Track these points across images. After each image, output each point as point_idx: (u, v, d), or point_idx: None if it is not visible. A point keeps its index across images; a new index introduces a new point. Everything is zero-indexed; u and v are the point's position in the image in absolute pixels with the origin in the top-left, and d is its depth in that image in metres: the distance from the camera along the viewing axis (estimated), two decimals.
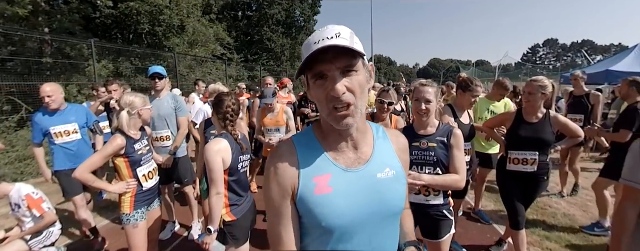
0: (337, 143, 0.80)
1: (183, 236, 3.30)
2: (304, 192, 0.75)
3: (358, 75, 0.72)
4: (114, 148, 1.91)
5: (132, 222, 2.01)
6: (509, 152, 2.43)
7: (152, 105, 3.00)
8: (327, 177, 0.76)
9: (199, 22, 14.38)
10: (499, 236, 3.10)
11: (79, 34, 10.59)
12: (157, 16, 12.09)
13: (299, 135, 0.86)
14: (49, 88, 2.77)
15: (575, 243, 3.09)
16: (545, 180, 2.39)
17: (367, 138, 0.84)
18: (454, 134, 1.74)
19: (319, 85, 0.72)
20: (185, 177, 3.22)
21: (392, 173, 0.81)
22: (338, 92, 0.68)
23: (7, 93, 6.98)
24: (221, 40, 16.33)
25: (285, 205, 0.77)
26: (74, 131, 2.93)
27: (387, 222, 0.81)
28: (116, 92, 3.62)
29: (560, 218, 3.63)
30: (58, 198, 4.22)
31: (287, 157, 0.79)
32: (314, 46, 0.69)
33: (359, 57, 0.71)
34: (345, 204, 0.75)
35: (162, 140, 3.08)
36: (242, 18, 22.13)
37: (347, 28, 0.73)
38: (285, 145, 0.82)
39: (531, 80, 2.32)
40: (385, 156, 0.84)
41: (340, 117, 0.71)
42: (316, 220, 0.74)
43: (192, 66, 12.81)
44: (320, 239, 0.77)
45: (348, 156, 0.80)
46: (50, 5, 10.25)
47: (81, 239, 3.29)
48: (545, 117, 2.34)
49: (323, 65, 0.69)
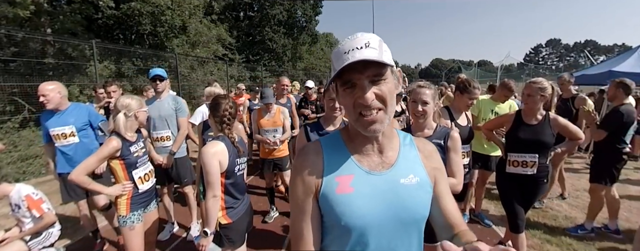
0: (363, 146, 0.82)
1: (182, 236, 3.30)
2: (326, 190, 0.78)
3: (387, 83, 0.74)
4: (109, 150, 1.91)
5: (128, 224, 2.01)
6: (508, 154, 2.41)
7: (153, 106, 3.05)
8: (350, 177, 0.78)
9: (200, 22, 14.41)
10: (499, 238, 3.08)
11: (81, 34, 10.64)
12: (159, 17, 12.12)
13: (326, 137, 0.89)
14: (45, 86, 2.63)
15: (577, 246, 3.07)
16: (545, 182, 2.37)
17: (393, 143, 0.85)
18: (451, 137, 1.72)
19: (348, 92, 0.74)
20: (184, 177, 3.23)
21: (416, 179, 0.81)
22: (367, 100, 0.71)
23: (9, 94, 7.02)
24: (222, 41, 16.37)
25: (308, 202, 0.79)
26: (70, 134, 2.76)
27: (408, 229, 0.80)
28: (115, 93, 3.64)
29: (561, 221, 3.61)
30: (58, 199, 4.24)
31: (313, 156, 0.82)
32: (344, 56, 0.71)
33: (387, 66, 0.73)
34: (365, 205, 0.76)
35: (162, 140, 3.10)
36: (244, 18, 22.15)
37: (376, 36, 0.75)
38: (313, 145, 0.86)
39: (530, 81, 2.30)
40: (410, 162, 0.84)
41: (368, 122, 0.73)
42: (336, 219, 0.76)
43: (194, 66, 12.85)
44: (340, 239, 0.78)
45: (372, 159, 0.81)
46: (52, 5, 10.30)
47: (80, 239, 3.30)
48: (545, 118, 2.32)
49: (352, 74, 0.72)
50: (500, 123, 2.61)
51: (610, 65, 8.56)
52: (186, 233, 3.33)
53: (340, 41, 0.77)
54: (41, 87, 2.61)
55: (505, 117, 2.57)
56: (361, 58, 0.68)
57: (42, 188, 4.77)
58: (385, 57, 0.71)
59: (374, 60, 0.68)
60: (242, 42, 20.70)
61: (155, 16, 12.06)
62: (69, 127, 2.75)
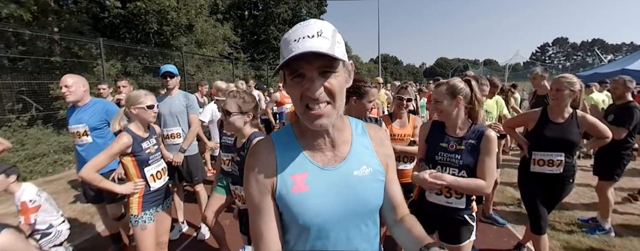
0: (314, 140, 0.80)
1: (192, 236, 3.26)
2: (282, 190, 0.76)
3: (337, 76, 0.71)
4: (119, 146, 1.86)
5: (140, 224, 1.95)
6: (533, 152, 2.31)
7: (164, 103, 3.00)
8: (304, 175, 0.77)
9: (206, 21, 14.42)
10: (517, 239, 3.00)
11: (88, 33, 10.67)
12: (165, 15, 12.13)
13: (278, 132, 0.86)
14: (68, 78, 2.50)
15: (597, 248, 2.97)
16: (571, 182, 2.28)
17: (345, 135, 0.84)
18: (485, 137, 1.60)
19: (296, 82, 0.70)
20: (195, 175, 3.19)
21: (369, 170, 0.82)
22: (314, 93, 0.68)
23: (17, 92, 7.04)
24: (228, 40, 16.37)
25: (265, 201, 0.77)
26: (84, 133, 2.59)
27: (364, 218, 0.82)
28: (125, 88, 3.63)
29: (580, 223, 3.51)
30: (66, 198, 4.23)
31: (265, 154, 0.80)
32: (293, 44, 0.66)
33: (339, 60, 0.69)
34: (322, 202, 0.76)
35: (172, 137, 3.06)
36: (249, 17, 22.17)
37: (329, 24, 0.70)
38: (264, 142, 0.83)
39: (560, 76, 2.21)
40: (362, 153, 0.84)
41: (314, 116, 0.70)
42: (294, 218, 0.76)
43: (199, 65, 12.85)
44: (300, 236, 0.78)
45: (325, 153, 0.80)
46: (59, 4, 10.34)
47: (88, 239, 3.26)
48: (572, 116, 2.22)
49: (301, 65, 0.68)
50: (522, 122, 2.52)
51: (623, 64, 8.42)
52: (196, 232, 3.28)
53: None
54: (64, 78, 2.49)
55: (528, 114, 2.49)
56: (310, 50, 0.64)
57: (49, 187, 4.79)
58: (337, 49, 0.68)
59: (324, 53, 0.64)
60: (247, 41, 20.71)
61: (162, 15, 12.07)
62: (82, 125, 2.58)
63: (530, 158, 2.33)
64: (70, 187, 4.84)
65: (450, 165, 1.66)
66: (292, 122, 0.86)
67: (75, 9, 10.33)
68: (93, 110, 2.61)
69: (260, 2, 22.10)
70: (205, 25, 14.14)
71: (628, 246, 3.01)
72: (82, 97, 2.58)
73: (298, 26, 0.70)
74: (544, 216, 2.31)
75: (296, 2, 22.22)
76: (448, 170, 1.66)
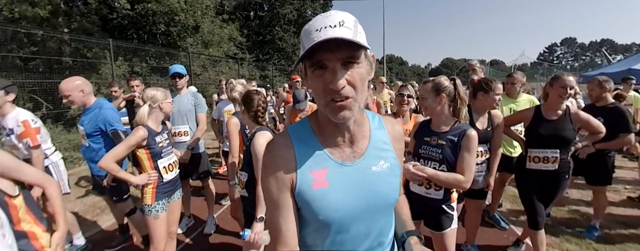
0: (333, 135, 0.79)
1: (198, 230, 3.35)
2: (302, 186, 0.76)
3: (359, 68, 0.69)
4: (136, 139, 1.98)
5: (153, 213, 2.07)
6: (529, 150, 2.37)
7: (173, 101, 3.10)
8: (324, 171, 0.77)
9: (212, 22, 14.60)
10: (516, 236, 3.04)
11: (97, 34, 10.90)
12: (173, 17, 12.33)
13: (294, 126, 0.85)
14: (65, 86, 2.40)
15: (596, 244, 3.01)
16: (566, 178, 2.33)
17: (364, 130, 0.83)
18: (466, 135, 1.70)
19: (318, 75, 0.69)
20: (202, 172, 3.29)
21: (387, 165, 0.82)
22: (338, 85, 0.66)
23: (29, 91, 7.24)
24: (233, 40, 16.55)
25: (284, 197, 0.77)
26: (82, 136, 2.58)
27: (382, 213, 0.84)
28: (138, 88, 3.74)
29: (580, 219, 3.54)
30: (76, 192, 4.36)
31: (283, 150, 0.79)
32: (314, 34, 0.65)
33: (362, 48, 0.68)
34: (342, 198, 0.76)
35: (180, 135, 3.16)
36: (254, 18, 22.33)
37: (350, 15, 0.70)
38: (281, 138, 0.82)
39: (569, 76, 2.24)
40: (380, 148, 0.84)
41: (338, 108, 0.69)
42: (314, 214, 0.76)
43: (206, 65, 13.02)
44: (319, 231, 0.79)
45: (344, 149, 0.80)
46: (69, 6, 10.57)
47: (100, 231, 3.38)
48: (565, 113, 2.28)
49: (323, 55, 0.66)
50: (518, 119, 2.57)
51: (629, 64, 8.34)
52: (202, 226, 3.38)
53: None
54: (62, 87, 2.40)
55: (524, 112, 2.54)
56: (334, 36, 0.62)
57: None
58: (360, 38, 0.66)
59: (348, 39, 0.63)
60: (252, 41, 20.88)
61: (169, 16, 12.27)
62: (82, 129, 2.56)
63: (526, 155, 2.39)
64: (80, 183, 4.98)
65: (431, 159, 1.78)
66: (309, 116, 0.85)
67: (86, 11, 10.55)
68: (91, 116, 2.53)
69: (265, 3, 22.26)
70: (211, 25, 14.32)
71: (629, 244, 3.03)
72: (84, 101, 2.51)
73: (319, 17, 0.69)
74: (541, 212, 2.36)
75: (301, 2, 22.34)
76: (429, 163, 1.78)
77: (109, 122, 2.50)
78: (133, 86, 3.77)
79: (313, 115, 0.84)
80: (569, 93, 2.20)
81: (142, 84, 3.87)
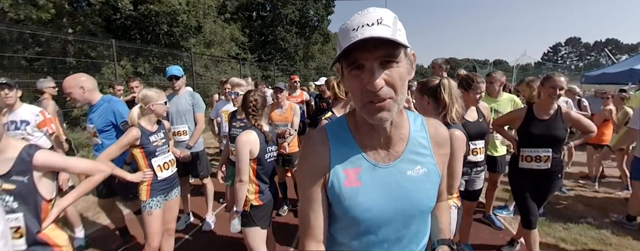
0: (370, 135, 0.78)
1: (197, 227, 3.41)
2: (334, 183, 0.76)
3: (399, 67, 0.66)
4: (128, 139, 2.05)
5: (147, 209, 2.14)
6: (521, 149, 2.40)
7: (171, 102, 3.15)
8: (357, 170, 0.76)
9: (214, 22, 14.68)
10: (511, 235, 3.06)
11: (100, 34, 11.01)
12: (175, 17, 12.42)
13: (332, 124, 0.85)
14: (66, 84, 2.35)
15: (592, 246, 3.02)
16: (559, 177, 2.36)
17: (402, 132, 0.80)
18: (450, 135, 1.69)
19: (355, 75, 0.66)
20: (201, 170, 3.35)
21: (423, 171, 0.79)
22: (376, 86, 0.63)
23: (34, 91, 7.33)
24: (236, 40, 16.63)
25: (316, 192, 0.78)
26: (93, 134, 2.52)
27: (415, 219, 0.81)
28: (137, 88, 3.80)
29: (576, 220, 3.54)
30: None
31: (319, 146, 0.79)
32: (352, 33, 0.62)
33: (401, 46, 0.64)
34: (372, 199, 0.76)
35: (179, 134, 3.22)
36: (256, 18, 22.38)
37: (389, 12, 0.66)
38: (319, 134, 0.82)
39: (560, 76, 2.26)
40: (418, 152, 0.80)
41: (375, 109, 0.66)
42: (344, 211, 0.77)
43: (208, 65, 13.10)
44: (348, 228, 0.80)
45: (379, 151, 0.78)
46: (73, 7, 10.70)
47: (101, 228, 3.44)
48: (557, 113, 2.31)
49: (361, 54, 0.63)
50: (510, 120, 2.60)
51: (632, 64, 8.28)
52: (201, 223, 3.43)
53: None
54: (63, 85, 2.38)
55: (515, 112, 2.57)
56: (371, 35, 0.60)
57: None
58: (399, 37, 0.63)
59: (386, 38, 0.60)
60: (254, 41, 20.93)
61: (172, 16, 12.36)
62: (92, 127, 2.50)
63: (518, 154, 2.42)
64: (82, 180, 5.05)
65: None
66: (347, 114, 0.85)
67: (89, 12, 10.66)
68: (100, 111, 2.49)
69: (267, 3, 22.30)
70: (213, 25, 14.40)
71: (624, 244, 3.04)
72: (86, 98, 2.44)
73: (356, 15, 0.66)
74: (534, 211, 2.38)
75: (303, 3, 22.35)
76: None
77: (120, 114, 2.49)
78: (132, 87, 3.83)
79: (351, 113, 0.84)
80: (558, 93, 2.22)
81: (141, 85, 3.93)
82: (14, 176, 1.26)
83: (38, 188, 1.31)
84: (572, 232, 3.27)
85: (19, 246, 1.28)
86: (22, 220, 1.27)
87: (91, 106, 2.51)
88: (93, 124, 2.48)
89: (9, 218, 1.24)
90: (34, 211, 1.31)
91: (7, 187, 1.24)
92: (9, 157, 1.27)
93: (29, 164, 1.29)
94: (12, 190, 1.25)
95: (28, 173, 1.28)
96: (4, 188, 1.24)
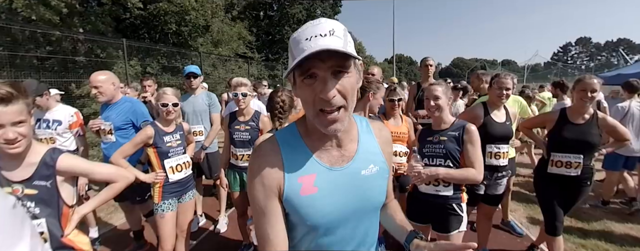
0: (321, 141, 0.78)
1: (209, 229, 3.39)
2: (290, 193, 0.75)
3: (350, 77, 0.68)
4: (142, 137, 2.04)
5: (159, 212, 2.12)
6: (552, 154, 2.31)
7: (188, 102, 3.15)
8: (312, 176, 0.76)
9: (222, 21, 14.73)
10: (531, 241, 2.98)
11: (110, 34, 11.10)
12: (183, 16, 12.48)
13: (281, 131, 0.84)
14: (98, 77, 2.35)
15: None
16: (588, 184, 2.26)
17: (352, 134, 0.83)
18: (466, 130, 1.81)
19: (307, 84, 0.68)
20: (215, 171, 3.31)
21: (376, 169, 0.83)
22: (329, 95, 0.65)
23: None
24: (243, 39, 16.67)
25: (271, 204, 0.76)
26: (109, 131, 2.49)
27: (369, 215, 0.85)
28: (150, 87, 3.80)
29: (595, 225, 3.45)
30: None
31: (271, 156, 0.77)
32: (304, 43, 0.64)
33: (352, 58, 0.67)
34: (330, 203, 0.76)
35: (194, 134, 3.18)
36: (264, 17, 22.43)
37: (340, 24, 0.68)
38: (268, 144, 0.80)
39: (591, 78, 2.18)
40: (369, 151, 0.84)
41: (329, 121, 0.69)
42: (302, 219, 0.76)
43: (216, 64, 13.14)
44: (306, 234, 0.80)
45: (332, 154, 0.79)
46: (84, 7, 10.80)
47: (113, 229, 3.44)
48: (593, 118, 2.21)
49: (313, 63, 0.65)
50: (540, 122, 2.52)
51: None
52: (214, 225, 3.41)
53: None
54: (93, 78, 2.35)
55: (547, 115, 2.49)
56: (325, 47, 0.61)
57: None
58: (350, 48, 0.66)
59: (339, 50, 0.62)
60: (261, 41, 20.99)
61: (180, 16, 12.42)
62: (108, 124, 2.48)
63: (548, 159, 2.33)
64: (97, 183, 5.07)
65: (435, 156, 1.86)
66: (296, 121, 0.84)
67: (100, 11, 10.75)
68: (121, 109, 2.51)
69: (275, 2, 22.34)
70: (221, 25, 14.45)
71: None
72: (113, 95, 2.47)
73: (308, 25, 0.68)
74: (560, 218, 2.30)
75: (310, 2, 22.34)
76: (435, 161, 1.85)
77: (142, 114, 2.55)
78: (145, 86, 3.83)
79: (301, 119, 0.84)
80: (590, 96, 2.13)
81: (155, 84, 3.94)
82: (36, 181, 1.23)
83: (61, 193, 1.29)
84: (591, 237, 3.18)
85: None
86: (45, 225, 1.24)
87: (108, 104, 2.51)
88: (110, 121, 2.48)
89: None
90: (57, 216, 1.28)
91: (29, 192, 1.22)
92: (31, 161, 1.24)
93: (53, 168, 1.26)
94: (34, 195, 1.22)
95: (51, 178, 1.26)
96: (26, 193, 1.21)
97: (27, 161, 1.23)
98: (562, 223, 2.31)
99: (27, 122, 1.18)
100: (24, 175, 1.22)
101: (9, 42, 7.31)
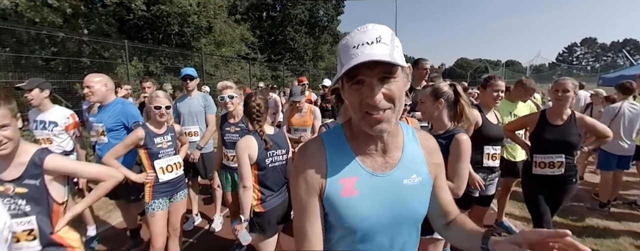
0: (366, 145, 0.79)
1: (205, 228, 3.43)
2: (331, 193, 0.76)
3: (397, 82, 0.70)
4: (132, 139, 2.10)
5: (150, 211, 2.18)
6: (534, 155, 2.35)
7: (184, 103, 3.23)
8: (354, 179, 0.77)
9: (224, 22, 14.82)
10: None
11: (114, 35, 11.24)
12: (186, 17, 12.59)
13: (328, 133, 0.86)
14: (91, 78, 2.44)
15: None
16: (574, 182, 2.30)
17: (397, 141, 0.83)
18: (454, 139, 1.65)
19: (355, 89, 0.70)
20: (210, 171, 3.38)
21: (418, 179, 0.82)
22: (375, 100, 0.67)
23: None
24: (245, 40, 16.75)
25: (312, 202, 0.78)
26: (101, 132, 2.53)
27: (408, 227, 0.83)
28: (149, 89, 3.87)
29: (587, 228, 3.45)
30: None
31: (315, 156, 0.80)
32: (352, 51, 0.67)
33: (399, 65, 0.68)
34: (369, 208, 0.76)
35: (190, 135, 3.26)
36: (266, 18, 22.53)
37: (388, 29, 0.70)
38: (315, 144, 0.83)
39: (564, 79, 2.23)
40: (413, 161, 0.83)
41: (375, 121, 0.70)
42: (340, 220, 0.77)
43: (218, 65, 13.23)
44: (344, 238, 0.80)
45: (376, 159, 0.80)
46: (88, 8, 10.95)
47: (110, 228, 3.50)
48: (571, 118, 2.26)
49: (361, 71, 0.67)
50: (522, 124, 2.55)
51: None
52: (209, 224, 3.45)
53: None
54: (87, 79, 2.43)
55: (528, 117, 2.53)
56: (371, 58, 0.63)
57: None
58: (396, 54, 0.68)
59: (385, 61, 0.64)
60: (264, 41, 21.08)
61: (183, 17, 12.53)
62: (101, 125, 2.52)
63: (531, 161, 2.36)
64: (94, 181, 5.15)
65: None
66: (343, 124, 0.86)
67: (104, 13, 10.89)
68: (113, 111, 2.54)
69: (277, 3, 22.43)
70: (223, 25, 14.53)
71: None
72: (105, 96, 2.51)
73: (356, 31, 0.70)
74: (547, 218, 2.32)
75: (313, 3, 22.39)
76: None
77: (133, 115, 2.57)
78: (144, 87, 3.91)
79: (347, 123, 0.85)
80: (562, 95, 2.18)
81: (154, 86, 4.01)
82: (26, 180, 1.29)
83: (49, 191, 1.34)
84: (584, 240, 3.17)
85: (34, 247, 1.32)
86: (35, 222, 1.30)
87: (102, 106, 2.56)
88: (102, 123, 2.53)
89: (22, 221, 1.27)
90: (47, 214, 1.34)
91: (20, 190, 1.28)
92: (21, 161, 1.30)
93: (41, 168, 1.32)
94: (25, 193, 1.28)
95: (40, 177, 1.31)
96: (17, 192, 1.27)
97: (17, 161, 1.29)
98: (549, 223, 2.32)
99: (12, 125, 1.23)
100: (15, 174, 1.28)
101: (14, 43, 7.44)
